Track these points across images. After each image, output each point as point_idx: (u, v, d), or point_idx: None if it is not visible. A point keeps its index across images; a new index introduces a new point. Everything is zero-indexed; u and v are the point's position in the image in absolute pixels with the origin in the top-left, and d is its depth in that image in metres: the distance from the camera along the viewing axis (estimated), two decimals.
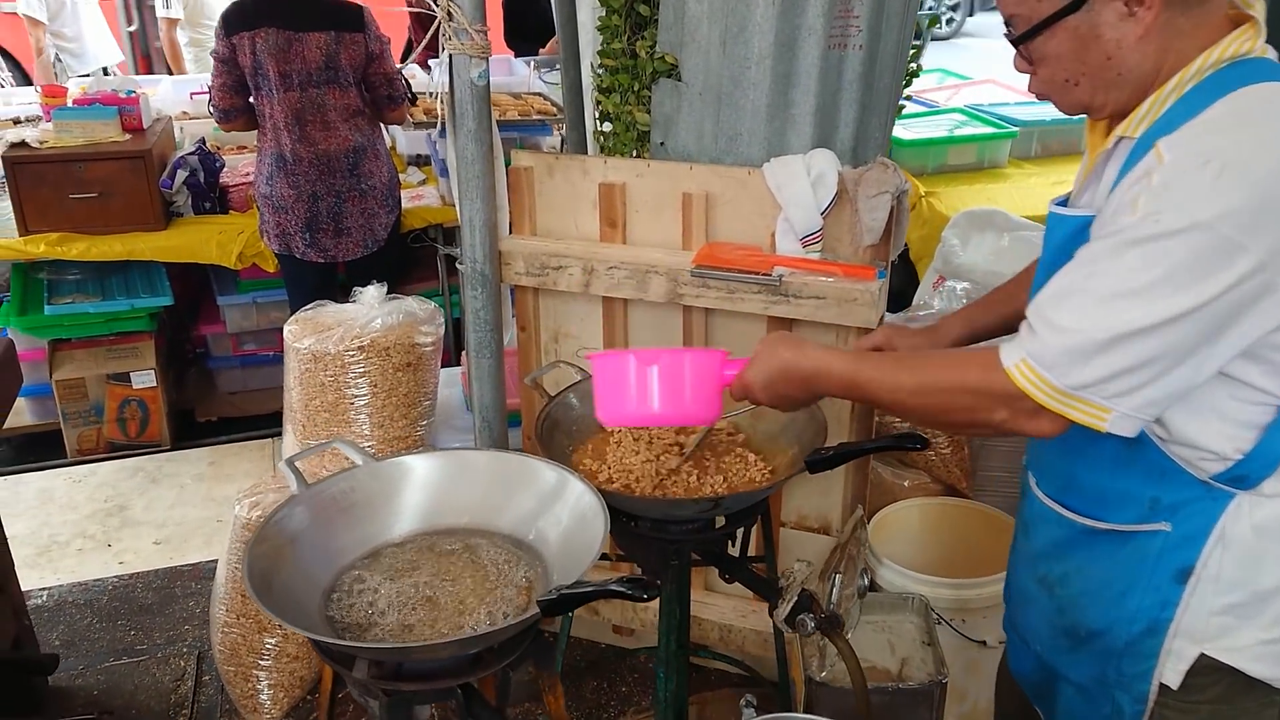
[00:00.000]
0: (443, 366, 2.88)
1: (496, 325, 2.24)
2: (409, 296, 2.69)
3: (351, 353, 2.53)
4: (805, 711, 2.12)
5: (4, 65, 6.10)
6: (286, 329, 2.64)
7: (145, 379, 3.86)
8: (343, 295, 2.78)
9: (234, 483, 3.68)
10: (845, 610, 1.80)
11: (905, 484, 2.58)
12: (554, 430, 1.85)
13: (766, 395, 1.47)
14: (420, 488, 1.67)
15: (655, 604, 2.12)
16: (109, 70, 6.02)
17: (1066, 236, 1.27)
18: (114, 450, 3.91)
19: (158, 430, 3.94)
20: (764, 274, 2.05)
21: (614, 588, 1.21)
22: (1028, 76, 1.31)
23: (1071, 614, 1.40)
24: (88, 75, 5.58)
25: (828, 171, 2.03)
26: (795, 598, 1.68)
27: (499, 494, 1.65)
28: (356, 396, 2.55)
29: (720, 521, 1.78)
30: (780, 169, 2.06)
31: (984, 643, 2.32)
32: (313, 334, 2.58)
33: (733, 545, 1.90)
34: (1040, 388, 1.17)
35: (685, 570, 1.78)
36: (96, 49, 6.08)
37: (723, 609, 2.44)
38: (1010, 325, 1.65)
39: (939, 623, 2.26)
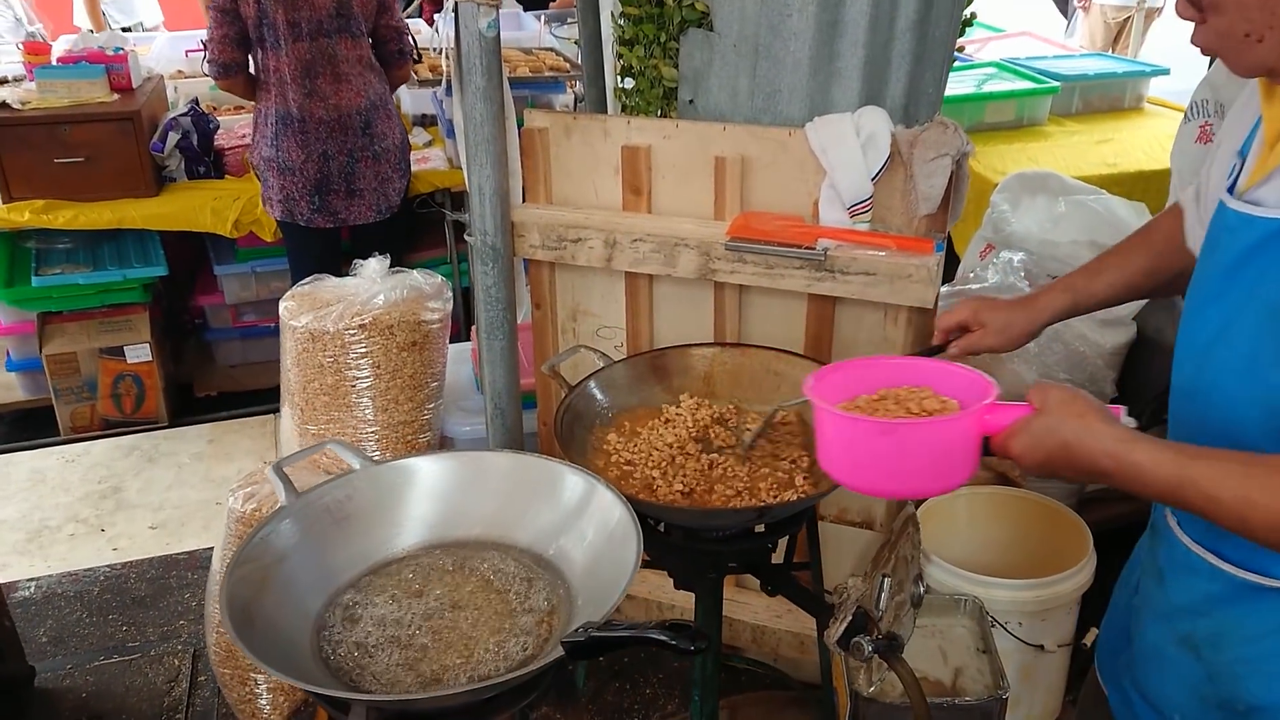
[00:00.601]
0: (451, 341, 2.68)
1: (509, 304, 2.04)
2: (414, 269, 2.49)
3: (352, 331, 2.34)
4: None
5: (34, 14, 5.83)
6: (282, 305, 2.45)
7: (140, 353, 3.68)
8: (349, 265, 2.57)
9: (233, 462, 3.52)
10: (896, 620, 1.62)
11: None
12: (574, 425, 1.65)
13: (1038, 471, 1.15)
14: (426, 495, 1.48)
15: (687, 598, 1.93)
16: (144, 27, 5.82)
17: (1262, 241, 1.05)
18: (109, 428, 3.73)
19: (154, 406, 3.77)
20: (807, 247, 1.84)
21: (655, 635, 1.02)
22: (1191, 25, 1.07)
23: (1228, 684, 1.18)
24: (128, 30, 5.40)
25: (879, 132, 1.81)
26: (849, 617, 1.49)
27: (517, 502, 1.46)
28: (358, 379, 2.36)
29: (761, 528, 1.58)
30: (825, 129, 1.85)
31: (1042, 647, 2.13)
32: (310, 310, 2.38)
33: (773, 551, 1.71)
34: None
35: (721, 583, 1.60)
36: (140, 3, 5.90)
37: (755, 608, 2.26)
38: (1125, 297, 1.42)
39: (993, 626, 2.08)
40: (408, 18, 4.17)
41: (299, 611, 1.30)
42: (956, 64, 4.26)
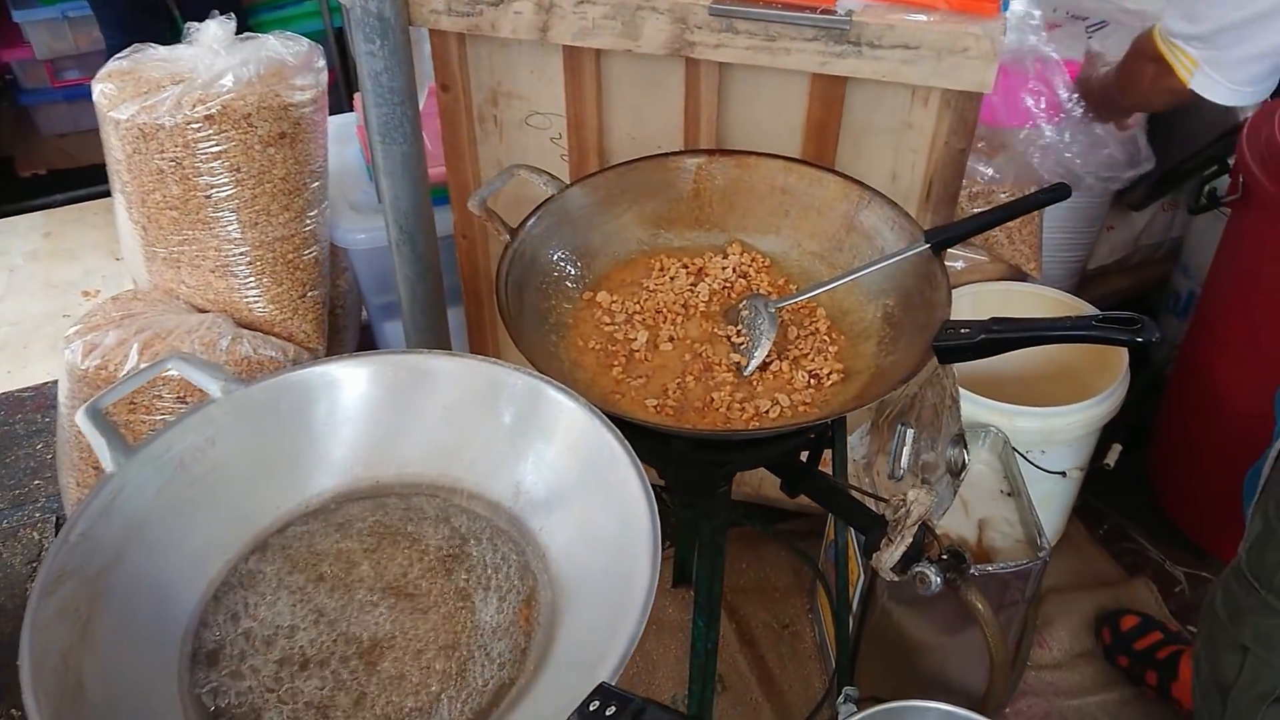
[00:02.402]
0: (331, 113, 2.10)
1: (409, 96, 1.50)
2: (270, 34, 1.87)
3: (196, 124, 1.75)
4: (864, 602, 1.66)
5: None
6: (96, 90, 1.83)
7: None
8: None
9: (78, 260, 2.93)
10: (928, 490, 1.29)
11: (959, 265, 2.01)
12: (524, 289, 1.19)
13: None
14: (330, 423, 1.03)
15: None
16: None
17: None
18: None
19: None
20: (823, 10, 1.33)
21: None
22: None
23: None
24: None
25: None
26: (910, 539, 1.14)
27: (464, 428, 1.03)
28: (213, 187, 1.81)
29: None
30: None
31: (1064, 474, 1.86)
32: (135, 97, 1.78)
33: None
34: None
35: (729, 494, 1.22)
36: None
37: None
38: None
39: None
40: None
41: (154, 646, 0.88)
42: None
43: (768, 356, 1.18)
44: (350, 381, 1.03)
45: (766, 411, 1.12)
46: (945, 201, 1.55)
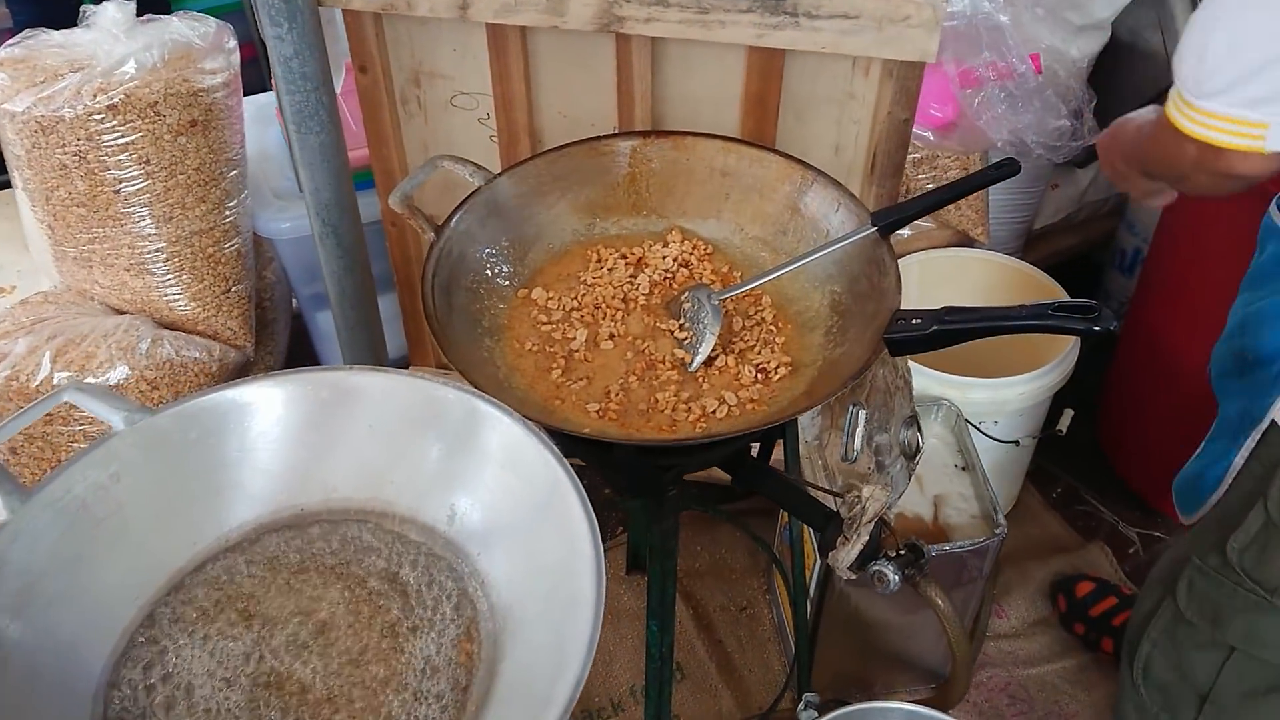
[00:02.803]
0: (248, 93, 1.99)
1: (324, 82, 1.41)
2: (174, 15, 1.76)
3: (99, 115, 1.65)
4: (821, 586, 1.63)
5: None
6: None
7: None
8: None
9: None
10: (883, 476, 1.26)
11: (906, 233, 1.96)
12: (452, 290, 1.12)
13: None
14: (245, 451, 0.96)
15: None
16: None
17: None
18: None
19: None
20: None
21: None
22: None
23: None
24: None
25: None
26: (867, 536, 1.10)
27: (394, 448, 0.96)
28: (122, 181, 1.70)
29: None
30: None
31: (1017, 443, 1.83)
32: (30, 88, 1.66)
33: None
34: None
35: (680, 498, 1.17)
36: None
37: None
38: None
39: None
40: None
41: (61, 711, 0.81)
42: None
43: (713, 351, 1.13)
44: (266, 404, 0.96)
45: (713, 411, 1.07)
46: (890, 174, 1.50)
